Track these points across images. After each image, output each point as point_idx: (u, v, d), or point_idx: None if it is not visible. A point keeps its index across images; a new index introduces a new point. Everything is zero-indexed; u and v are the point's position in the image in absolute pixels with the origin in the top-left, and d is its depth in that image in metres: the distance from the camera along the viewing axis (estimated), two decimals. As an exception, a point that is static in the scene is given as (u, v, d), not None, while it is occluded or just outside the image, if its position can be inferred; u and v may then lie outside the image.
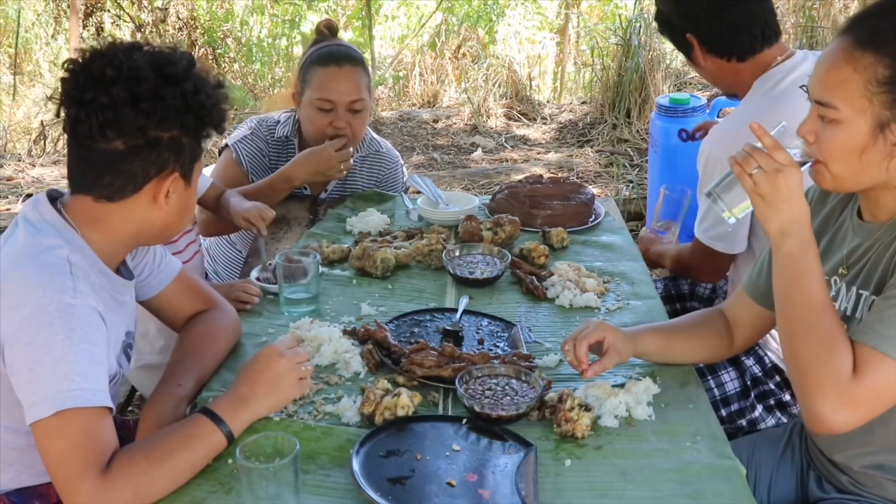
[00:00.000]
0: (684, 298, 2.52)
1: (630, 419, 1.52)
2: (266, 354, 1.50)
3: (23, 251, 1.39)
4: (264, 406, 1.47)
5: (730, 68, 2.18)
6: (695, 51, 2.20)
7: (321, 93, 2.50)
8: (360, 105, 2.53)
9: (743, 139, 2.04)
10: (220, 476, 1.36)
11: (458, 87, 7.74)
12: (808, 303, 1.37)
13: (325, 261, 2.17)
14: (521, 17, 8.33)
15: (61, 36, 7.69)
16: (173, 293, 1.73)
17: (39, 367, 1.29)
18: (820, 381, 1.33)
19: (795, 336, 1.38)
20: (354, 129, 2.55)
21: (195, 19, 7.91)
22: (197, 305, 1.75)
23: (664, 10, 2.28)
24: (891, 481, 1.49)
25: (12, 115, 6.27)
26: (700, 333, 1.73)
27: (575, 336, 1.60)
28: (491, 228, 2.30)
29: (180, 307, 1.74)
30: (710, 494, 1.33)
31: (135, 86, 1.37)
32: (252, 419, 1.45)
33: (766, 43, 2.16)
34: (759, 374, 2.13)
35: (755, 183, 1.38)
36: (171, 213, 1.49)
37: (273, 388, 1.48)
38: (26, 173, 5.53)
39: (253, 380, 1.48)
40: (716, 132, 2.20)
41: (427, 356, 1.65)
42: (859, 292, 1.47)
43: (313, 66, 2.54)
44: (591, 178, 5.58)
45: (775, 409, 2.12)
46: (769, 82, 2.14)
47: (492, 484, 1.34)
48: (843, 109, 1.37)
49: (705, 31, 2.16)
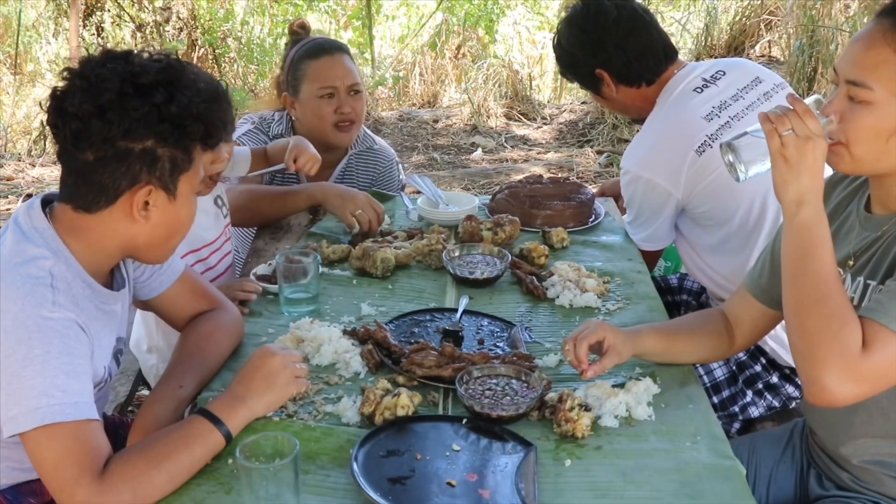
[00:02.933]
0: (673, 292, 2.56)
1: (630, 419, 1.52)
2: (259, 354, 1.52)
3: (7, 260, 1.39)
4: (261, 404, 1.47)
5: (639, 94, 2.31)
6: (604, 85, 2.32)
7: (322, 81, 2.56)
8: (358, 87, 2.62)
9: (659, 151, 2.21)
10: (220, 476, 1.36)
11: (458, 87, 7.74)
12: (820, 273, 1.35)
13: (325, 261, 2.17)
14: (521, 16, 8.33)
15: (61, 36, 7.69)
16: (176, 294, 1.72)
17: (18, 381, 1.28)
18: (829, 353, 1.31)
19: (805, 307, 1.36)
20: (357, 111, 2.63)
21: (195, 19, 7.91)
22: (200, 305, 1.75)
23: (568, 52, 2.36)
24: (890, 477, 1.50)
25: (12, 115, 6.27)
26: (701, 333, 1.73)
27: (575, 336, 1.60)
28: (491, 228, 2.30)
29: (183, 308, 1.74)
30: (710, 494, 1.33)
31: (98, 97, 1.36)
32: (250, 418, 1.45)
33: (669, 62, 2.29)
34: (744, 358, 2.17)
35: (783, 144, 1.36)
36: (154, 227, 1.45)
37: (268, 386, 1.47)
38: (26, 173, 5.53)
39: (248, 379, 1.48)
40: (632, 149, 2.31)
41: (427, 356, 1.65)
42: (867, 282, 1.46)
43: (304, 62, 2.58)
44: (591, 178, 5.58)
45: (765, 393, 2.15)
46: (667, 94, 2.28)
47: (492, 484, 1.34)
48: (877, 90, 1.36)
49: (615, 63, 2.27)
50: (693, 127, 2.17)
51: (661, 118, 2.26)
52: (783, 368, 2.16)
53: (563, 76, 2.53)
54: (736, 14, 7.70)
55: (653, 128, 2.27)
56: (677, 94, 2.25)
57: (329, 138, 2.61)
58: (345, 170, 2.75)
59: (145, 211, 1.43)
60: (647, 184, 2.20)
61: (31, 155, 5.86)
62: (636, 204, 2.27)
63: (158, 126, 1.38)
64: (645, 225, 2.30)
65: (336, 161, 2.74)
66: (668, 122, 2.23)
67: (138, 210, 1.42)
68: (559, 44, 2.36)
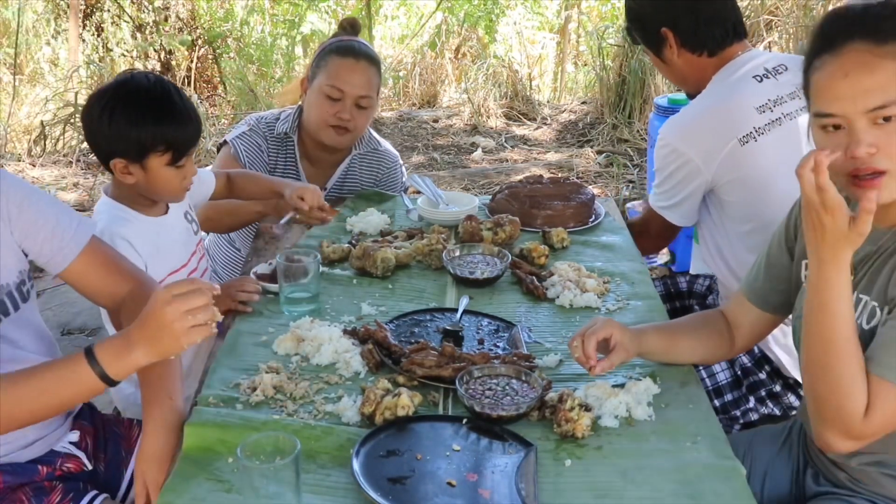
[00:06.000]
0: (683, 296, 2.54)
1: (630, 419, 1.52)
2: (155, 297, 1.34)
3: None
4: (146, 354, 1.35)
5: (699, 64, 2.26)
6: (667, 46, 2.28)
7: (333, 80, 2.52)
8: (366, 102, 2.56)
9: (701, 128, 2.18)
10: (220, 475, 1.36)
11: (458, 87, 7.74)
12: (829, 337, 1.35)
13: (325, 261, 2.17)
14: (521, 16, 8.33)
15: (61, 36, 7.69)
16: (84, 267, 1.64)
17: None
18: (833, 418, 1.36)
19: (814, 370, 1.39)
20: (357, 124, 2.57)
21: (195, 19, 7.90)
22: (117, 281, 1.67)
23: (637, 6, 2.33)
24: (888, 476, 1.50)
25: (12, 115, 6.26)
26: (702, 334, 1.73)
27: (583, 333, 1.59)
28: (491, 228, 2.30)
29: (97, 283, 1.67)
30: (710, 494, 1.33)
31: None
32: (134, 367, 1.37)
33: (735, 38, 2.25)
34: (749, 364, 2.16)
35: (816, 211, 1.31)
36: None
37: (156, 337, 1.33)
38: (26, 173, 5.53)
39: (142, 325, 1.35)
40: (675, 121, 2.28)
41: (427, 356, 1.65)
42: (860, 297, 1.46)
43: (330, 55, 2.55)
44: (591, 178, 5.58)
45: (767, 401, 2.14)
46: (727, 73, 2.23)
47: (492, 484, 1.34)
48: None
49: (682, 24, 2.23)
50: (743, 114, 2.15)
51: (714, 95, 2.22)
52: (787, 378, 2.15)
53: (627, 33, 2.48)
54: (736, 14, 7.68)
55: (703, 104, 2.23)
56: (736, 77, 2.21)
57: (320, 135, 2.58)
58: (347, 170, 2.74)
59: None
60: (680, 157, 2.19)
61: (31, 155, 5.86)
62: (665, 173, 2.26)
63: None
64: (667, 195, 2.28)
65: (338, 161, 2.73)
66: (719, 103, 2.20)
67: None
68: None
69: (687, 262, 2.75)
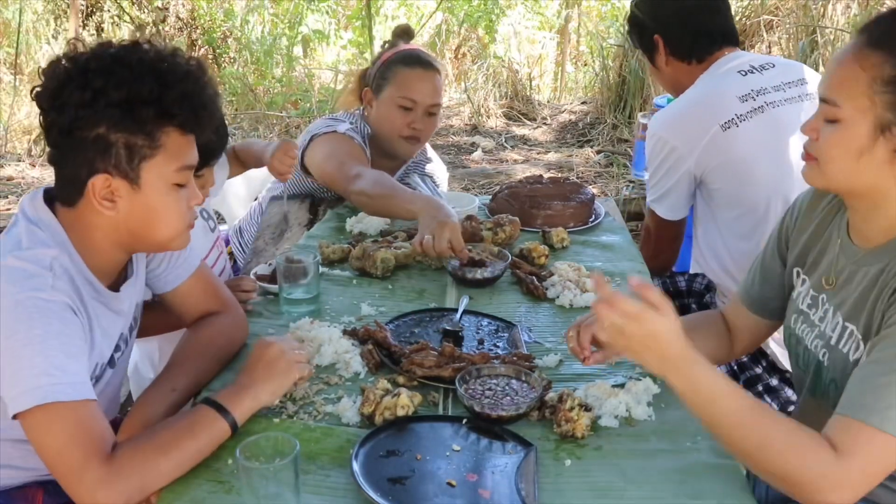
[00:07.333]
0: (682, 295, 2.55)
1: (630, 419, 1.52)
2: (257, 345, 1.53)
3: (16, 244, 1.40)
4: (265, 392, 1.47)
5: (687, 71, 2.36)
6: (658, 53, 2.38)
7: (405, 91, 2.55)
8: (436, 110, 2.61)
9: (684, 117, 2.26)
10: (220, 476, 1.36)
11: (458, 87, 7.74)
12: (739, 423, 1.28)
13: (325, 261, 2.17)
14: (521, 16, 8.32)
15: (61, 36, 7.69)
16: (189, 289, 1.72)
17: (19, 361, 1.29)
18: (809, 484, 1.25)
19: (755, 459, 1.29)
20: (427, 131, 2.63)
21: (195, 19, 7.90)
22: (209, 305, 1.74)
23: (638, 12, 2.43)
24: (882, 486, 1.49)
25: (12, 115, 6.26)
26: (702, 334, 1.73)
27: (579, 324, 1.59)
28: (491, 228, 2.30)
29: (194, 305, 1.74)
30: (710, 494, 1.33)
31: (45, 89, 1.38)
32: (255, 406, 1.45)
33: (725, 45, 2.34)
34: (745, 359, 2.16)
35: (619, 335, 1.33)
36: (128, 218, 1.43)
37: (269, 374, 1.48)
38: (26, 173, 5.53)
39: (251, 370, 1.50)
40: (662, 113, 2.37)
41: (427, 356, 1.65)
42: (846, 325, 1.45)
43: (397, 66, 2.58)
44: (591, 178, 5.58)
45: (765, 395, 2.15)
46: (713, 70, 2.33)
47: (492, 484, 1.34)
48: (844, 107, 1.36)
49: (671, 32, 2.34)
50: (725, 102, 2.23)
51: (698, 88, 2.32)
52: (783, 372, 2.16)
53: (629, 37, 2.59)
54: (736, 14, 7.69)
55: (688, 96, 2.33)
56: (721, 72, 2.30)
57: (395, 146, 2.62)
58: (401, 179, 2.76)
59: (110, 202, 1.41)
60: (664, 145, 2.27)
61: (31, 155, 5.86)
62: (654, 164, 2.34)
63: (106, 111, 1.35)
64: (656, 188, 2.36)
65: (395, 168, 2.74)
66: (702, 93, 2.29)
67: (99, 200, 1.41)
68: (636, 3, 2.43)
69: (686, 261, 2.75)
